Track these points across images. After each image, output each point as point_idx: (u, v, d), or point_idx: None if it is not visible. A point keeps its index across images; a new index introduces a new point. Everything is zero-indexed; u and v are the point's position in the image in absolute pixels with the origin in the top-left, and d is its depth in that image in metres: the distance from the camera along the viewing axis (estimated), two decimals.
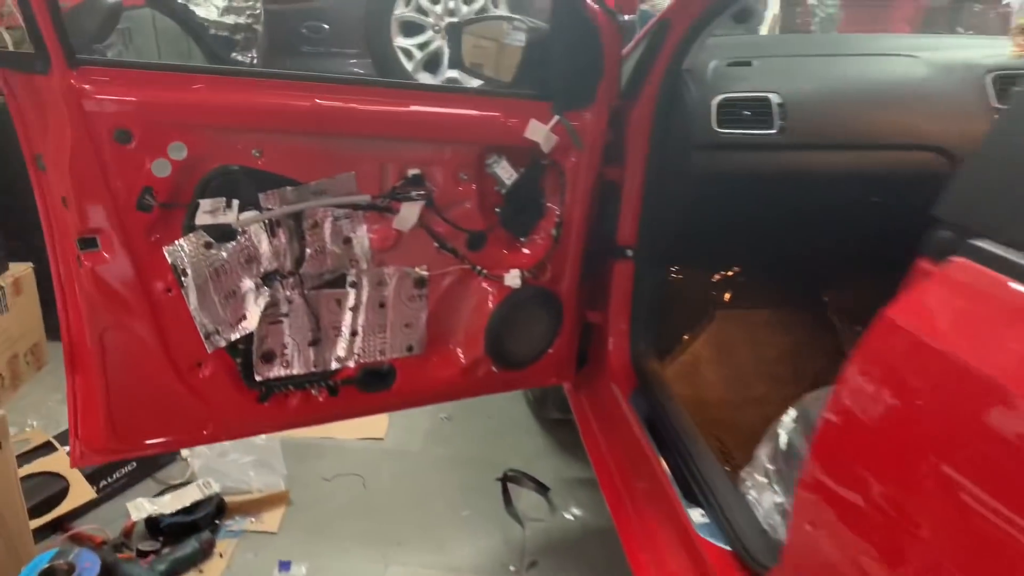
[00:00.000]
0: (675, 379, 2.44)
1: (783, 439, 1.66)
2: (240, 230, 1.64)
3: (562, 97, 1.85)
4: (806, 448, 1.61)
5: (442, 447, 2.85)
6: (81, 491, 2.33)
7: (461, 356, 2.04)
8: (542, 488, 2.56)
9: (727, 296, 2.71)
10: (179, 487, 2.44)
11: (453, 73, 4.25)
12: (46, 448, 2.51)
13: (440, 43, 4.20)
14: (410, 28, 4.17)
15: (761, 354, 2.58)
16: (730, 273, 2.68)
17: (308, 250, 1.74)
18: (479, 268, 1.93)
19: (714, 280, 2.70)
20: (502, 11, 4.13)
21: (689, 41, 1.89)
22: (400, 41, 4.14)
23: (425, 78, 4.22)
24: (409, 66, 4.17)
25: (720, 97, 1.91)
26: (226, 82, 1.55)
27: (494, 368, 2.06)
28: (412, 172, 1.77)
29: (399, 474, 2.70)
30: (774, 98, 1.92)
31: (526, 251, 2.02)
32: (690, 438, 1.88)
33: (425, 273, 1.90)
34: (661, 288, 2.22)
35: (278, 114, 1.58)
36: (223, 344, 1.71)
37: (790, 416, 1.70)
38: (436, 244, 1.87)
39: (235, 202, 1.61)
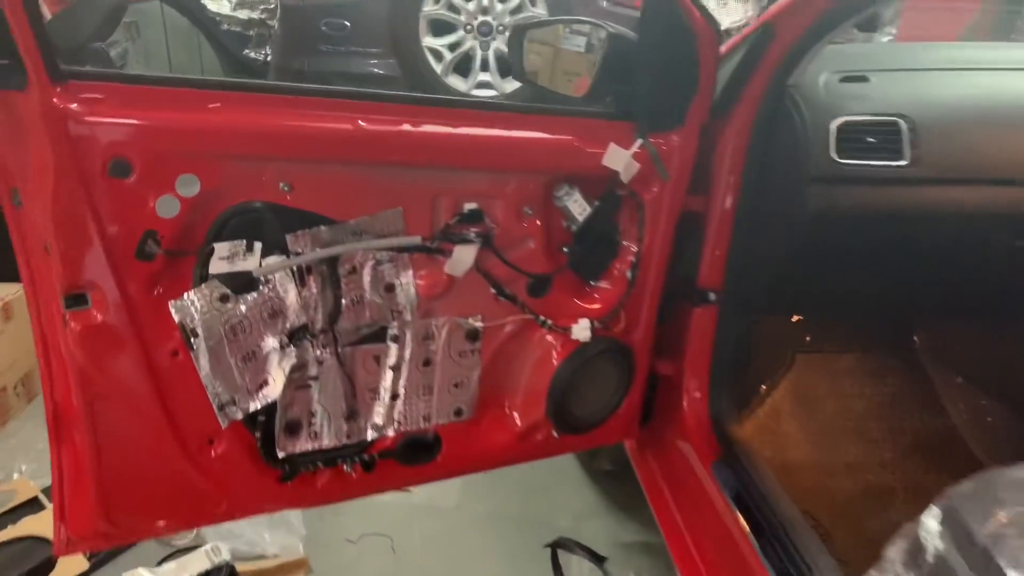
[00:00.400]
0: (753, 437, 2.15)
1: (930, 549, 1.36)
2: (263, 279, 1.36)
3: (647, 117, 1.56)
4: (963, 564, 1.33)
5: (480, 502, 2.56)
6: (71, 561, 2.06)
7: (517, 419, 1.76)
8: (597, 558, 2.27)
9: (806, 337, 2.41)
10: (184, 552, 2.15)
11: (485, 76, 3.97)
12: (32, 505, 2.24)
13: (472, 43, 3.91)
14: (440, 27, 3.89)
15: (849, 407, 2.28)
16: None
17: (344, 300, 1.46)
18: (543, 319, 1.65)
19: (792, 319, 2.40)
20: (540, 10, 3.84)
21: (799, 53, 1.59)
22: (429, 41, 3.86)
23: (455, 81, 3.93)
24: (438, 68, 3.88)
25: (840, 120, 1.61)
26: (250, 100, 1.26)
27: (555, 433, 1.78)
28: (468, 207, 1.49)
29: (432, 535, 2.42)
30: (904, 122, 1.62)
31: (596, 297, 1.73)
32: (798, 532, 1.58)
33: (479, 324, 1.62)
34: (747, 340, 1.91)
35: (314, 139, 1.30)
36: (240, 416, 1.43)
37: (934, 517, 1.39)
38: (493, 290, 1.58)
39: (257, 245, 1.34)
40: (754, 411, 2.24)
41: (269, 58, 5.15)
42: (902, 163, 1.61)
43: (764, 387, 2.30)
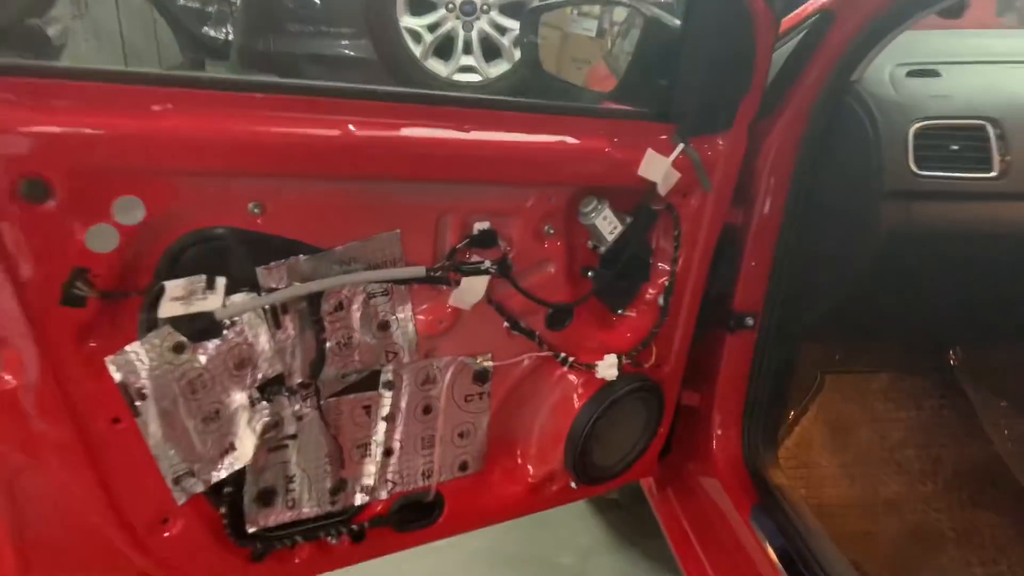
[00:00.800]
0: (784, 471, 1.93)
1: None
2: (227, 322, 1.09)
3: (690, 117, 1.31)
4: None
5: (475, 538, 2.25)
6: None
7: (530, 470, 1.52)
8: None
9: (835, 356, 2.19)
10: None
11: (468, 60, 3.68)
12: None
13: (454, 24, 3.62)
14: (419, 5, 3.58)
15: (884, 434, 2.07)
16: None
17: (328, 343, 1.19)
18: (563, 355, 1.40)
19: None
20: None
21: (866, 44, 1.35)
22: (407, 20, 3.55)
23: (436, 65, 3.64)
24: (417, 50, 3.59)
25: (919, 125, 1.37)
26: (209, 100, 0.98)
27: (573, 484, 1.54)
28: (480, 227, 1.23)
29: None
30: (991, 127, 1.39)
31: (623, 328, 1.49)
32: None
33: (489, 364, 1.36)
34: (789, 370, 1.69)
35: (292, 149, 1.03)
36: (201, 489, 1.16)
37: None
38: (506, 324, 1.33)
39: (220, 281, 1.06)
40: (782, 441, 2.02)
41: (231, 37, 4.78)
42: (990, 175, 1.38)
43: (792, 413, 2.08)
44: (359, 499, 1.34)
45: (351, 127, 1.05)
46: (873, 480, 1.96)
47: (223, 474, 1.17)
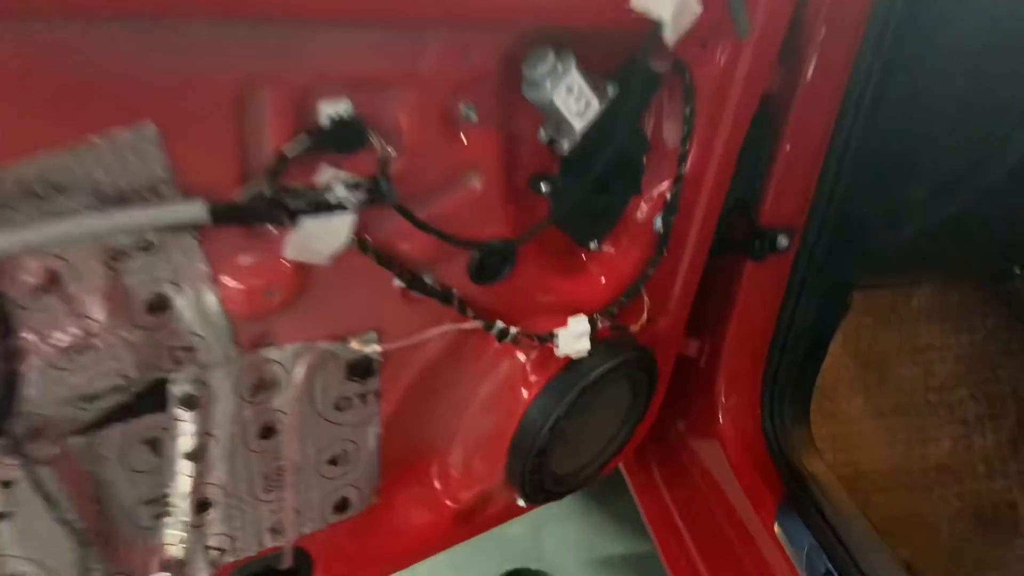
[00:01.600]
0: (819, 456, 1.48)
1: None
2: None
3: None
4: None
5: None
6: None
7: (453, 493, 1.01)
8: None
9: None
10: None
11: None
12: None
13: None
14: None
15: (928, 368, 1.63)
16: None
17: (41, 348, 0.63)
18: (501, 325, 0.86)
19: None
20: None
21: None
22: None
23: None
24: None
25: None
26: None
27: (522, 503, 1.04)
28: (332, 111, 0.65)
29: None
30: None
31: (598, 271, 0.95)
32: None
33: (374, 348, 0.81)
34: (839, 315, 1.19)
35: None
36: None
37: None
38: (398, 281, 0.77)
39: None
40: None
41: None
42: None
43: None
44: None
45: None
46: (919, 434, 1.53)
47: None
